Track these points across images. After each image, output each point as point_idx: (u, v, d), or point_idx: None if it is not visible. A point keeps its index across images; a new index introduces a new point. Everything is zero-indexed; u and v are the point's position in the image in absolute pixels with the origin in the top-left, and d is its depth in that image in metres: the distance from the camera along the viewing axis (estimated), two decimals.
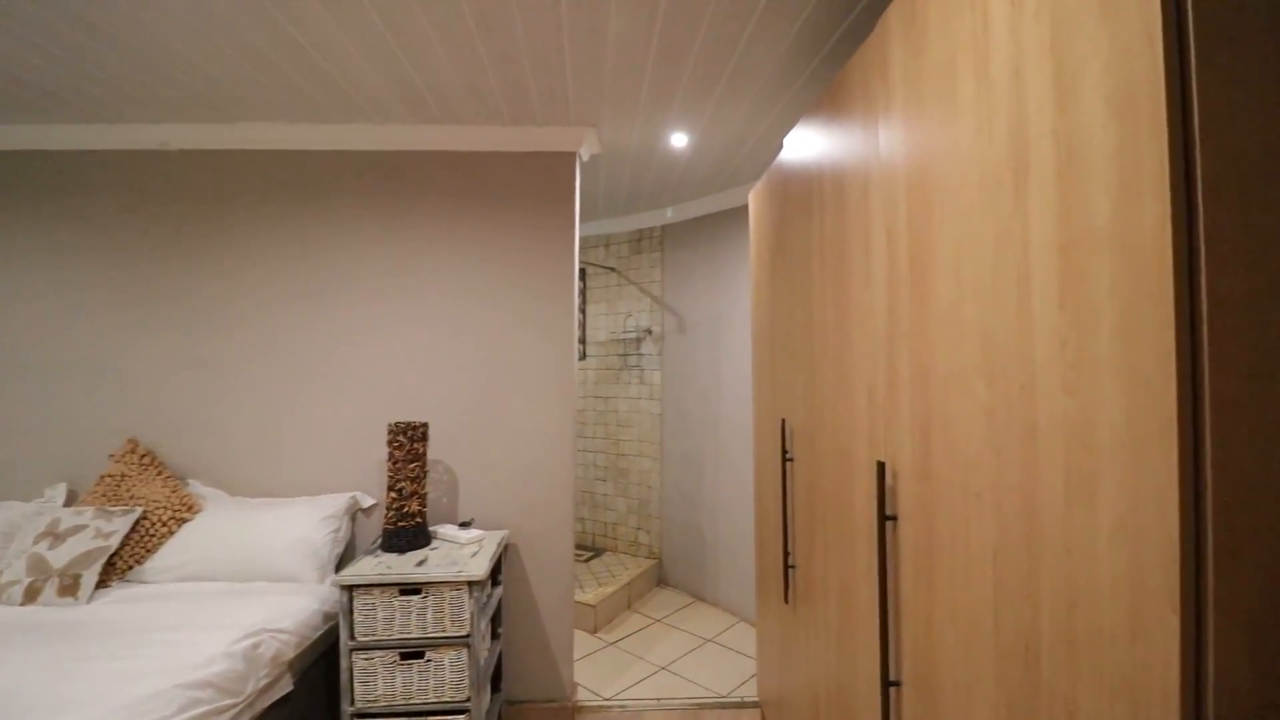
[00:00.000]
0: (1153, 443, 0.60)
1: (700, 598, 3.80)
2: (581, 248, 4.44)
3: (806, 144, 1.69)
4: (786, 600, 1.84)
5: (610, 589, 3.52)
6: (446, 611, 2.02)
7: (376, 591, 2.02)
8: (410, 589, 2.02)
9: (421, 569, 2.05)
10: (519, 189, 2.58)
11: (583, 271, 4.41)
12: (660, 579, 4.05)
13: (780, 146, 2.73)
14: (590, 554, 4.19)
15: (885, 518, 1.15)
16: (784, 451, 1.86)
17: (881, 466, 1.16)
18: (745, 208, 3.50)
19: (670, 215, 3.83)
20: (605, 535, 4.33)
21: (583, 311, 4.41)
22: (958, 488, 0.94)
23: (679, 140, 2.67)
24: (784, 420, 1.88)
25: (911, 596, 1.09)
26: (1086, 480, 0.68)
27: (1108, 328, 0.65)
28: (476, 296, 2.57)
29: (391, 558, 2.16)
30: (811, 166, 1.64)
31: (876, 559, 1.22)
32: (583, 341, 4.40)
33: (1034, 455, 0.76)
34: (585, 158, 2.70)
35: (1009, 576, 0.82)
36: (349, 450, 2.54)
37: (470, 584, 2.02)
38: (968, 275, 0.91)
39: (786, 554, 1.85)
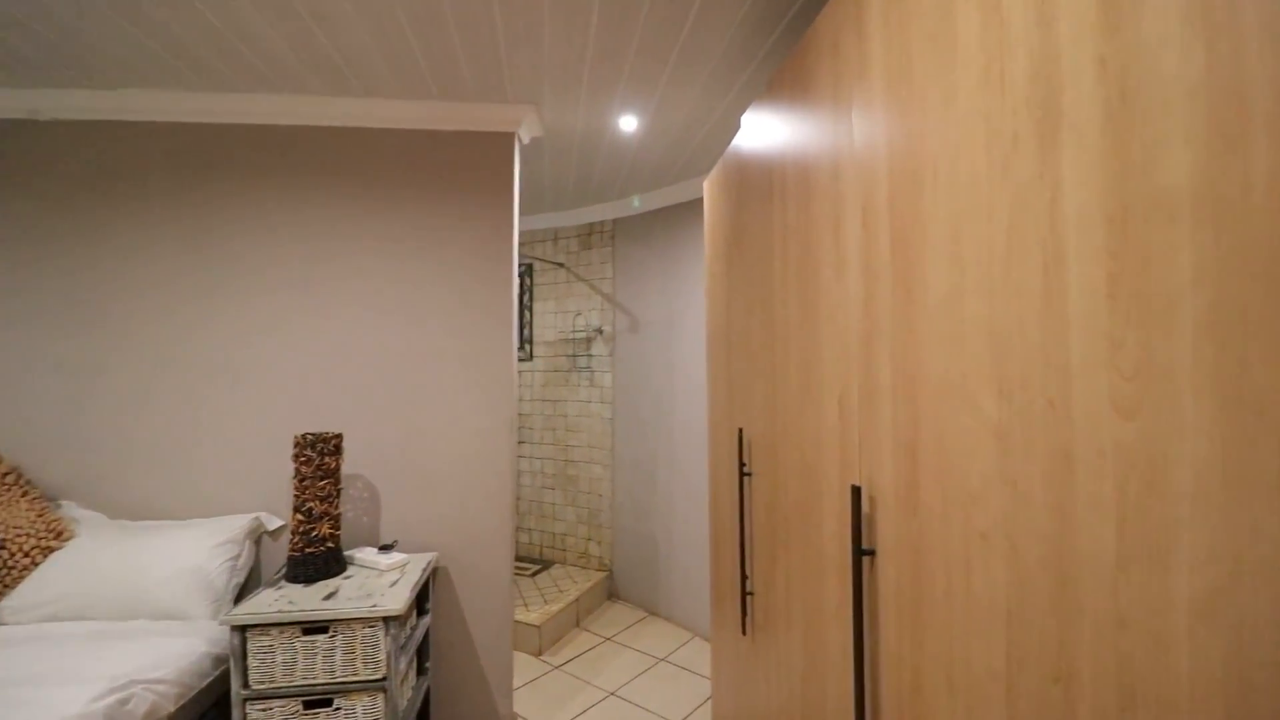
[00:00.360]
0: (1268, 485, 0.42)
1: (653, 612, 3.60)
2: (528, 241, 4.19)
3: (766, 121, 1.51)
4: (744, 632, 1.65)
5: (557, 606, 3.28)
6: (358, 652, 1.76)
7: (274, 631, 1.74)
8: (315, 627, 1.76)
9: (330, 603, 1.78)
10: (451, 172, 2.32)
11: (529, 266, 4.16)
12: (611, 592, 3.84)
13: (738, 127, 2.56)
14: (537, 567, 3.94)
15: (861, 552, 0.97)
16: (741, 464, 1.67)
17: (857, 492, 0.97)
18: (701, 201, 3.32)
19: (637, 205, 3.59)
20: (553, 547, 4.09)
21: (529, 309, 4.16)
22: (956, 525, 0.76)
23: (628, 124, 2.46)
24: (741, 430, 1.69)
25: (895, 649, 0.91)
26: (1154, 533, 0.50)
27: (1190, 326, 0.47)
28: (402, 291, 2.30)
29: (296, 590, 1.88)
30: (772, 145, 1.46)
31: (851, 599, 1.04)
32: (529, 341, 4.15)
33: (1069, 494, 0.58)
34: (525, 140, 2.46)
35: (1029, 645, 0.64)
36: (253, 465, 2.24)
37: (386, 620, 1.76)
38: (970, 260, 0.73)
39: (744, 578, 1.66)
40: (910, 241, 0.85)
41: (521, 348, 4.17)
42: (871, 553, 0.97)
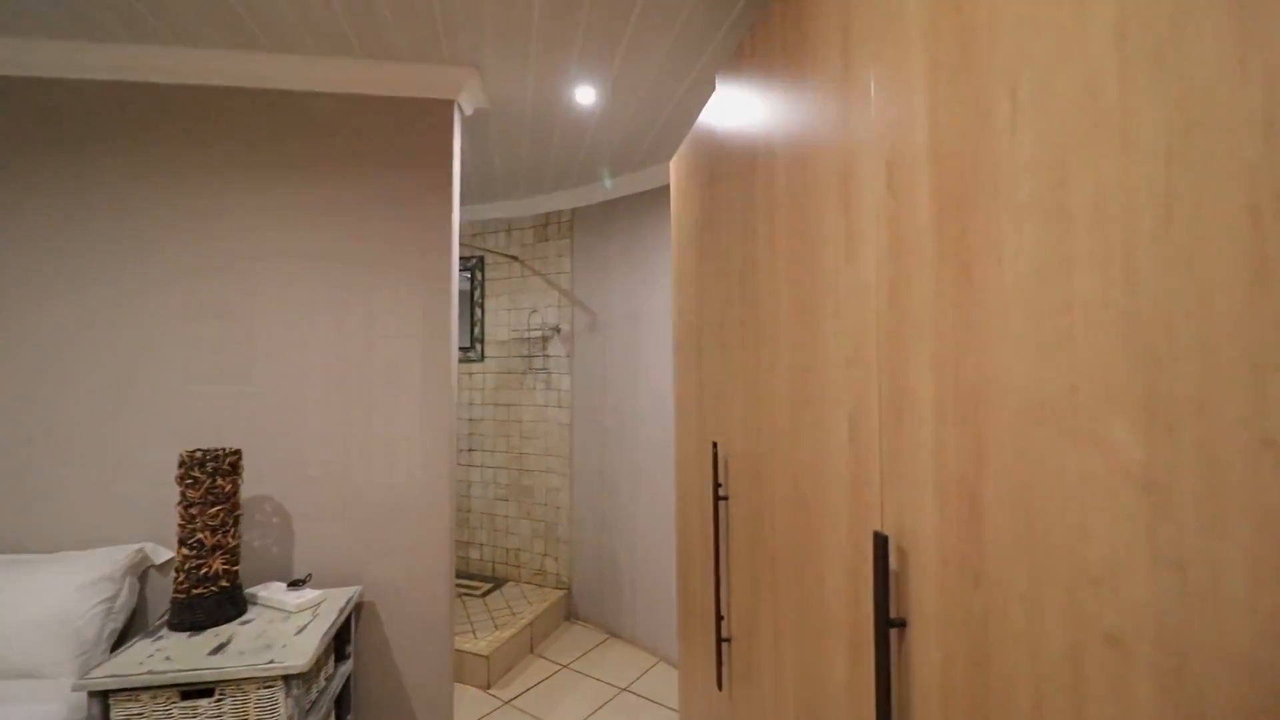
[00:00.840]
0: None
1: (615, 634, 3.33)
2: (480, 233, 3.87)
3: (745, 78, 1.26)
4: (720, 685, 1.40)
5: (509, 632, 2.98)
6: (252, 717, 1.45)
7: (145, 697, 1.41)
8: (198, 689, 1.43)
9: (217, 659, 1.46)
10: (378, 145, 2.01)
11: (480, 260, 3.84)
12: (569, 613, 3.55)
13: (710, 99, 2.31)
14: (488, 586, 3.63)
15: (888, 622, 0.72)
16: (716, 485, 1.42)
17: (882, 542, 0.72)
18: (666, 189, 3.07)
19: (609, 185, 3.28)
20: (507, 563, 3.79)
21: (479, 306, 3.84)
22: (1055, 614, 0.51)
23: (585, 95, 2.19)
24: (715, 445, 1.44)
25: None
26: None
27: None
28: (319, 284, 1.98)
29: (178, 641, 1.55)
30: (754, 106, 1.21)
31: (873, 682, 0.79)
32: (480, 341, 3.83)
33: None
34: (468, 111, 2.16)
35: None
36: (139, 485, 1.88)
37: (287, 678, 1.45)
38: (1084, 215, 0.48)
39: (719, 619, 1.41)
40: (969, 198, 0.60)
41: (471, 348, 3.85)
42: (901, 624, 0.72)
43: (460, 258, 3.78)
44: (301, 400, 1.95)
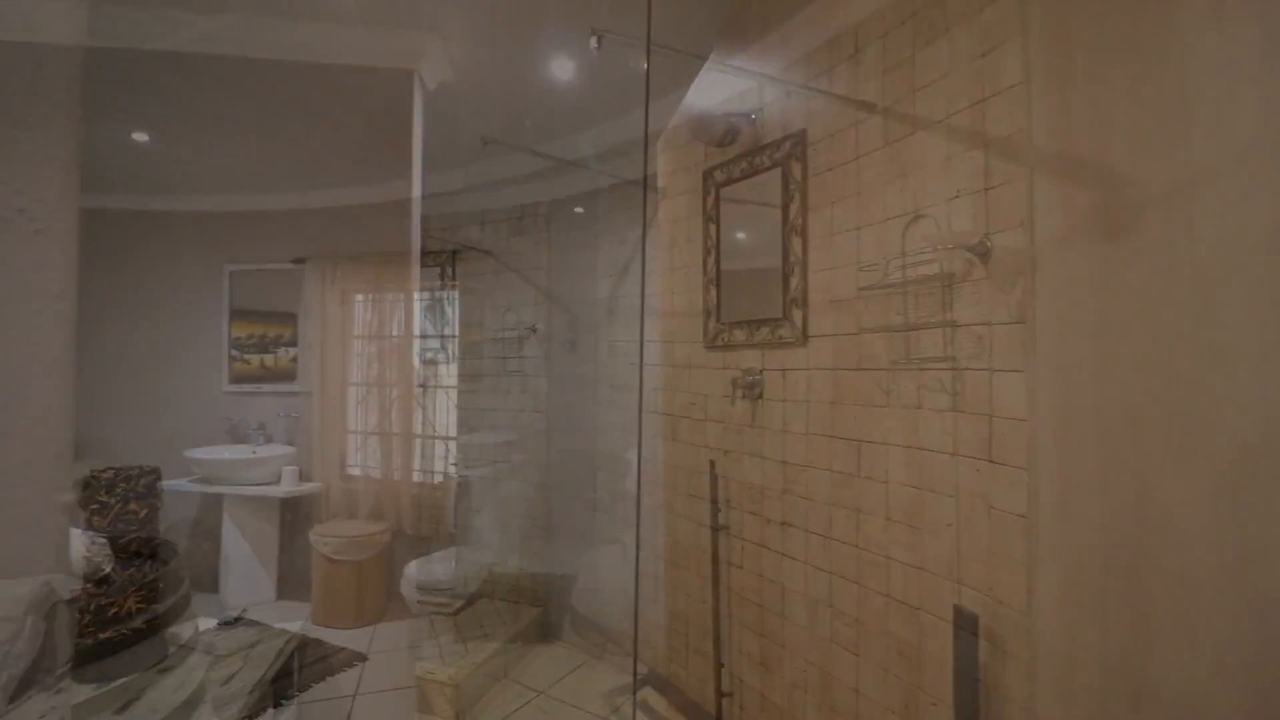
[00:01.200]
0: None
1: (597, 655, 3.12)
2: (450, 225, 3.62)
3: (753, 46, 1.06)
4: None
5: (481, 656, 2.76)
6: None
7: None
8: None
9: (124, 718, 1.23)
10: (329, 118, 1.78)
11: (451, 255, 3.60)
12: (546, 632, 3.33)
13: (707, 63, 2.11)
14: (459, 603, 3.40)
15: None
16: (714, 509, 1.22)
17: (970, 622, 0.53)
18: (654, 176, 2.86)
19: (593, 168, 3.04)
20: (479, 579, 3.56)
21: (450, 304, 3.61)
22: None
23: (563, 70, 1.98)
24: (713, 464, 1.24)
25: None
26: None
27: None
28: (261, 277, 1.75)
29: (80, 696, 1.32)
30: (766, 75, 1.01)
31: None
32: (451, 341, 3.60)
33: None
34: (431, 85, 1.94)
35: None
36: (48, 502, 1.63)
37: None
38: None
39: (719, 667, 1.21)
40: (1126, 134, 0.41)
41: (441, 348, 3.62)
42: None
43: (428, 252, 3.55)
44: (240, 405, 1.72)
